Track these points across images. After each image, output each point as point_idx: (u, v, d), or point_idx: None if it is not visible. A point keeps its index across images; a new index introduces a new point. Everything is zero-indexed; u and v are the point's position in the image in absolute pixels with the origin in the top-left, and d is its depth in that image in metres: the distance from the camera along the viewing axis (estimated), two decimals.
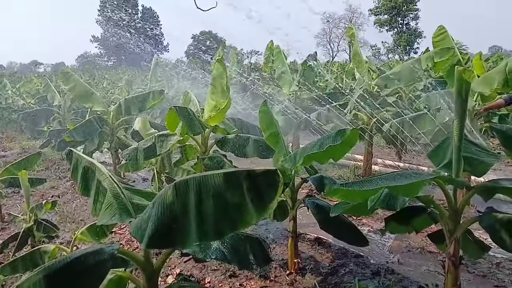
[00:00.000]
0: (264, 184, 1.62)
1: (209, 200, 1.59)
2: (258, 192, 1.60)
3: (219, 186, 1.60)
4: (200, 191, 1.61)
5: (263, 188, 1.61)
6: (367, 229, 5.04)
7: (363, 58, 6.62)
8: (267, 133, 3.91)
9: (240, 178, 1.61)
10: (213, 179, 1.62)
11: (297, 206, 3.93)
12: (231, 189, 1.60)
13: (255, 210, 1.57)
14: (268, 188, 1.61)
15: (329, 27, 65.21)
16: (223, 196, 1.59)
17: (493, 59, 22.61)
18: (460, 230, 2.72)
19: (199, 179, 1.65)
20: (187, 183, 1.67)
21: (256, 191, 1.60)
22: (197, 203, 1.60)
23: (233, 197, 1.58)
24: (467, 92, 2.43)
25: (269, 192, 1.60)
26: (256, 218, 1.58)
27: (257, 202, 1.58)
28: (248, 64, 20.69)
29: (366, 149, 6.93)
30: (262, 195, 1.60)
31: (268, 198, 1.59)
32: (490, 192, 2.80)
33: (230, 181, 1.61)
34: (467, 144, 3.00)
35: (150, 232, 1.62)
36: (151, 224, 1.65)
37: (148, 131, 6.24)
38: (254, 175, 1.63)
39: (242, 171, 1.64)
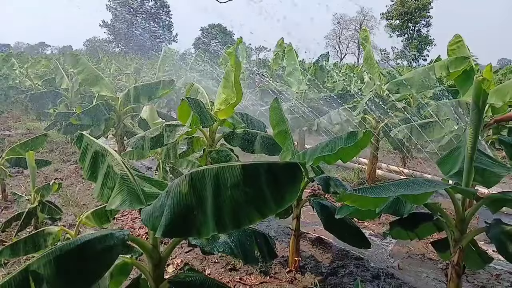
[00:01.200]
0: (285, 178, 1.61)
1: (227, 191, 1.58)
2: (279, 185, 1.59)
3: (238, 178, 1.59)
4: (218, 182, 1.61)
5: (284, 181, 1.60)
6: (368, 233, 5.04)
7: (375, 62, 6.59)
8: (276, 130, 3.91)
9: (260, 171, 1.60)
10: (231, 171, 1.61)
11: (302, 205, 3.94)
12: (250, 182, 1.59)
13: (274, 203, 1.57)
14: (290, 182, 1.61)
15: (340, 28, 65.05)
16: (241, 187, 1.58)
17: (502, 71, 22.53)
18: (466, 239, 2.72)
19: (216, 170, 1.64)
20: (203, 173, 1.66)
21: (277, 184, 1.59)
22: (215, 194, 1.59)
23: (252, 189, 1.58)
24: (484, 102, 2.42)
25: (290, 186, 1.59)
26: (275, 211, 1.58)
27: (276, 196, 1.58)
28: (256, 59, 20.64)
29: (372, 153, 6.92)
30: (282, 188, 1.59)
31: (289, 192, 1.58)
32: (498, 204, 2.80)
33: (248, 173, 1.60)
34: (479, 154, 2.99)
35: (165, 220, 1.61)
36: (167, 213, 1.65)
37: (155, 121, 6.24)
38: (275, 168, 1.62)
39: (262, 164, 1.63)
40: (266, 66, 15.82)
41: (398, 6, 51.75)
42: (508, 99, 4.78)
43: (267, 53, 51.97)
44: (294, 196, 1.60)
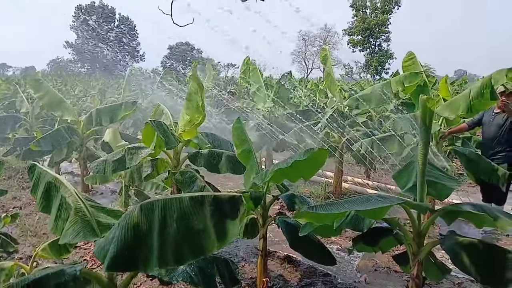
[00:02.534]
0: (228, 211, 1.62)
1: (173, 224, 1.58)
2: (222, 218, 1.60)
3: (184, 210, 1.59)
4: (165, 214, 1.60)
5: (227, 214, 1.61)
6: (336, 247, 5.10)
7: (335, 79, 6.78)
8: (239, 150, 3.93)
9: (205, 203, 1.60)
10: (179, 203, 1.61)
11: (268, 224, 3.94)
12: (196, 214, 1.59)
13: (217, 237, 1.57)
14: (232, 215, 1.62)
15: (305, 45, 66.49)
16: (186, 220, 1.58)
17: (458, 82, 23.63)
18: (424, 252, 2.80)
19: (165, 202, 1.64)
20: (153, 205, 1.65)
21: (220, 217, 1.60)
22: (161, 227, 1.58)
23: (196, 222, 1.58)
24: (431, 119, 2.53)
25: (232, 220, 1.60)
26: (218, 246, 1.57)
27: (220, 229, 1.58)
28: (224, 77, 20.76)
29: (337, 167, 7.05)
30: (225, 222, 1.60)
31: (231, 226, 1.59)
32: (452, 216, 2.91)
33: (195, 206, 1.60)
34: (431, 168, 3.11)
35: (112, 253, 1.58)
36: (114, 245, 1.62)
37: (118, 143, 6.13)
38: (219, 201, 1.62)
39: (208, 196, 1.64)
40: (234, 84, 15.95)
41: (359, 23, 53.79)
42: (460, 112, 5.00)
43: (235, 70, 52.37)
44: (236, 231, 1.61)
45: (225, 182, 7.85)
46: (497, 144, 5.49)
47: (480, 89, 4.78)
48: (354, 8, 54.94)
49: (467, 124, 5.79)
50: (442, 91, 6.18)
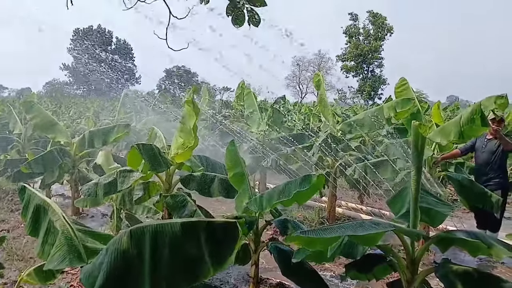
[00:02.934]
0: (222, 237, 1.59)
1: (165, 250, 1.54)
2: (216, 245, 1.57)
3: (176, 236, 1.56)
4: (156, 240, 1.56)
5: (221, 241, 1.58)
6: (329, 274, 5.01)
7: (328, 104, 6.85)
8: (231, 173, 3.91)
9: (198, 229, 1.57)
10: (170, 228, 1.57)
11: (260, 250, 3.87)
12: (189, 240, 1.56)
13: (211, 264, 1.53)
14: (227, 241, 1.58)
15: (299, 70, 67.50)
16: (179, 247, 1.54)
17: (451, 108, 23.95)
18: (418, 280, 2.75)
19: (156, 227, 1.60)
20: (143, 230, 1.61)
21: (214, 244, 1.57)
22: (152, 253, 1.54)
23: (190, 249, 1.54)
24: (423, 146, 2.53)
25: (227, 246, 1.57)
26: (213, 273, 1.54)
27: (214, 256, 1.55)
28: (219, 100, 20.88)
29: (331, 192, 7.02)
30: (220, 248, 1.57)
31: (226, 253, 1.56)
32: (446, 243, 2.87)
33: (187, 232, 1.57)
34: (424, 194, 3.10)
35: (101, 280, 1.53)
36: (103, 272, 1.57)
37: (111, 165, 6.08)
38: (213, 227, 1.59)
39: (200, 222, 1.61)
40: (229, 107, 16.03)
41: (352, 49, 54.87)
42: (451, 138, 5.05)
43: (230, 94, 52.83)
44: (233, 258, 1.58)
45: (218, 206, 7.77)
46: (490, 170, 5.52)
47: (471, 115, 4.84)
48: (347, 34, 56.12)
49: (460, 150, 5.83)
50: (435, 117, 6.26)
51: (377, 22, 53.71)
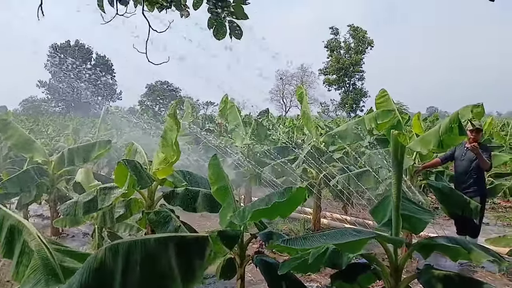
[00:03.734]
0: (193, 252, 1.56)
1: (136, 268, 1.50)
2: (188, 260, 1.54)
3: (148, 253, 1.52)
4: (129, 258, 1.52)
5: (193, 256, 1.55)
6: (316, 285, 4.99)
7: (311, 116, 6.92)
8: (215, 187, 3.87)
9: (169, 245, 1.54)
10: (143, 245, 1.54)
11: (246, 264, 3.83)
12: (160, 257, 1.52)
13: (182, 280, 1.50)
14: (198, 256, 1.56)
15: (282, 83, 68.17)
16: (151, 264, 1.51)
17: (430, 119, 24.46)
18: (401, 287, 2.76)
19: (130, 244, 1.57)
20: (117, 248, 1.58)
21: (186, 259, 1.54)
22: (124, 271, 1.50)
23: (161, 265, 1.51)
24: (403, 154, 2.57)
25: (198, 261, 1.54)
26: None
27: (185, 272, 1.52)
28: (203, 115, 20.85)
29: (315, 203, 7.04)
30: (191, 264, 1.54)
31: (197, 268, 1.53)
32: (427, 249, 2.90)
33: (159, 248, 1.54)
34: (405, 202, 3.13)
35: None
36: None
37: (91, 183, 5.97)
38: (185, 242, 1.57)
39: (172, 238, 1.58)
40: (213, 121, 16.02)
41: (334, 62, 55.80)
42: (431, 147, 5.15)
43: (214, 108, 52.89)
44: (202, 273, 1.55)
45: (203, 222, 7.68)
46: (469, 178, 5.62)
47: (449, 124, 4.94)
48: (328, 48, 57.05)
49: (440, 159, 5.94)
50: (415, 128, 6.39)
51: (358, 36, 54.84)
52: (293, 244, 2.16)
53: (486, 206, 9.57)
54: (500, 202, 9.95)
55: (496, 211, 9.38)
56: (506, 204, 9.74)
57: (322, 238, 2.23)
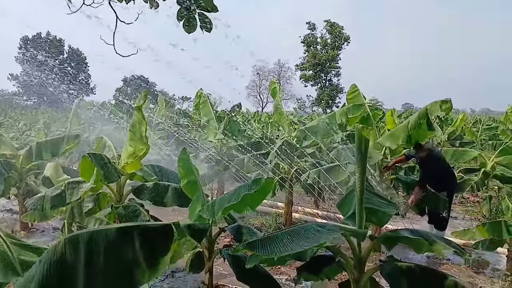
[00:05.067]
0: (157, 241, 1.56)
1: (100, 258, 1.49)
2: (151, 248, 1.53)
3: (111, 242, 1.51)
4: (91, 247, 1.51)
5: (156, 244, 1.55)
6: (285, 278, 5.04)
7: (284, 112, 6.95)
8: (184, 181, 3.86)
9: (133, 234, 1.54)
10: (106, 235, 1.53)
11: (214, 257, 3.84)
12: (124, 246, 1.51)
13: (146, 268, 1.49)
14: (162, 244, 1.56)
15: (259, 79, 68.12)
16: (114, 253, 1.49)
17: (405, 115, 25.01)
18: (364, 279, 2.83)
19: (91, 234, 1.55)
20: (78, 238, 1.56)
21: (149, 247, 1.53)
22: (87, 261, 1.49)
23: (125, 254, 1.50)
24: (366, 148, 2.62)
25: (161, 249, 1.54)
26: (149, 277, 1.50)
27: (149, 260, 1.51)
28: (177, 110, 20.65)
29: (287, 198, 7.10)
30: (154, 252, 1.53)
31: (160, 255, 1.52)
32: (392, 242, 2.98)
33: (123, 237, 1.53)
34: (371, 196, 3.20)
35: None
36: (34, 284, 1.50)
37: (60, 178, 5.85)
38: (149, 231, 1.56)
39: (136, 226, 1.57)
40: (188, 116, 15.89)
41: (310, 58, 56.09)
42: (400, 142, 5.26)
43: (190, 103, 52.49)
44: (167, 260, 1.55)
45: (175, 217, 7.63)
46: None
47: (417, 120, 5.05)
48: (305, 44, 57.27)
49: (405, 155, 6.08)
50: (388, 124, 6.52)
51: (334, 32, 55.25)
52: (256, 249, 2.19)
53: (455, 200, 9.91)
54: (469, 196, 10.29)
55: (465, 206, 9.70)
56: (474, 199, 10.08)
57: (286, 238, 2.26)
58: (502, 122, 19.10)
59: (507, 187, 8.84)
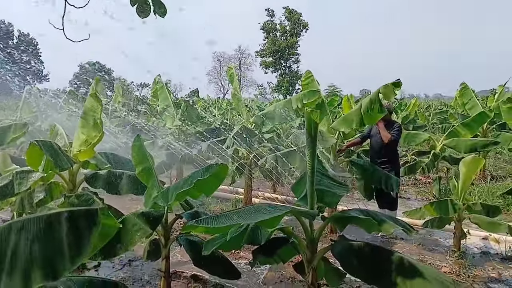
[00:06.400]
0: (83, 226, 1.53)
1: (27, 245, 1.45)
2: (77, 235, 1.51)
3: (39, 231, 1.47)
4: (21, 235, 1.47)
5: (82, 230, 1.52)
6: (244, 262, 5.12)
7: (241, 97, 6.95)
8: (139, 168, 3.80)
9: (60, 220, 1.50)
10: (36, 222, 1.49)
11: (170, 244, 3.83)
12: (50, 233, 1.48)
13: (70, 256, 1.47)
14: (87, 230, 1.53)
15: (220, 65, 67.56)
16: (41, 241, 1.46)
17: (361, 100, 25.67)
18: (317, 259, 2.92)
19: (23, 223, 1.50)
20: (11, 227, 1.50)
21: (75, 234, 1.50)
22: (14, 250, 1.44)
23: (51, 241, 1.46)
24: (316, 131, 2.69)
25: (86, 235, 1.51)
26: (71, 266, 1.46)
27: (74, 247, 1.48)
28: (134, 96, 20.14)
29: (246, 183, 7.16)
30: (80, 238, 1.51)
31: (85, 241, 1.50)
32: (342, 222, 3.08)
33: (51, 224, 1.49)
34: (321, 177, 3.29)
35: None
36: None
37: (8, 167, 5.58)
38: (74, 217, 1.53)
39: (63, 212, 1.54)
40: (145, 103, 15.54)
41: (270, 45, 56.13)
42: (354, 126, 5.38)
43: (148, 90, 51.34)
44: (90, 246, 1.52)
45: (134, 205, 7.51)
46: (383, 154, 5.98)
47: (370, 103, 5.18)
48: (264, 30, 57.19)
49: (359, 137, 6.27)
50: (345, 109, 6.67)
51: (293, 18, 55.46)
52: (206, 223, 2.20)
53: (408, 182, 10.37)
54: (421, 178, 10.79)
55: (417, 187, 10.18)
56: (426, 180, 10.59)
57: (236, 215, 2.29)
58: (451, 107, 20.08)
59: (454, 168, 9.35)
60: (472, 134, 8.00)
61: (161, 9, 4.38)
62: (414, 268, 2.57)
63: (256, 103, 17.17)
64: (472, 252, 5.65)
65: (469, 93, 10.21)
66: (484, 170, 10.82)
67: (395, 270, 2.58)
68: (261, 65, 58.24)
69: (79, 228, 1.50)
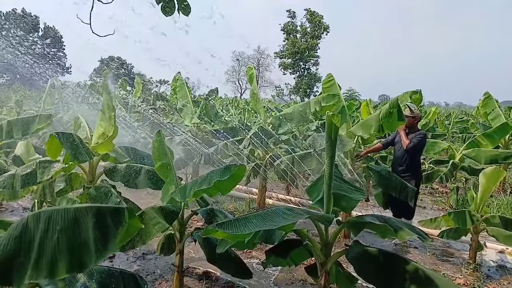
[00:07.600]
0: (110, 223, 1.58)
1: (54, 235, 1.50)
2: (103, 231, 1.55)
3: (67, 222, 1.52)
4: (48, 225, 1.52)
5: (108, 227, 1.57)
6: (255, 262, 5.14)
7: (260, 98, 6.97)
8: (158, 164, 3.87)
9: (88, 215, 1.55)
10: (64, 214, 1.54)
11: (185, 239, 3.88)
12: (78, 226, 1.53)
13: (96, 250, 1.51)
14: (113, 226, 1.58)
15: (239, 65, 67.77)
16: (68, 232, 1.51)
17: (381, 106, 25.41)
18: (330, 262, 2.92)
19: (51, 213, 1.56)
20: (39, 216, 1.56)
21: (102, 229, 1.55)
22: (42, 238, 1.50)
23: (78, 234, 1.51)
24: (336, 135, 2.69)
25: (113, 231, 1.56)
26: (97, 260, 1.51)
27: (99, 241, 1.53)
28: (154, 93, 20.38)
29: (261, 183, 7.18)
30: (106, 234, 1.55)
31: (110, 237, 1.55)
32: (357, 227, 3.07)
33: (78, 217, 1.54)
34: (340, 182, 3.29)
35: None
36: None
37: (31, 157, 5.73)
38: (102, 213, 1.58)
39: (92, 207, 1.59)
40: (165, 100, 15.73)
41: (290, 46, 55.91)
42: (372, 131, 5.37)
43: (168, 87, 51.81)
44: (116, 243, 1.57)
45: (149, 200, 7.62)
46: (405, 162, 5.91)
47: (388, 109, 5.16)
48: (285, 31, 57.03)
49: (382, 143, 6.21)
50: (363, 114, 6.64)
51: (314, 21, 55.14)
52: (225, 228, 2.23)
53: (425, 191, 10.22)
54: (438, 187, 10.64)
55: (433, 196, 10.03)
56: (443, 190, 10.43)
57: (255, 219, 2.32)
58: (473, 116, 19.71)
59: (473, 178, 9.18)
60: (493, 145, 7.84)
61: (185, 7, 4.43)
62: (429, 278, 2.55)
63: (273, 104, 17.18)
64: (488, 265, 5.54)
65: (492, 103, 10.01)
66: (504, 182, 10.59)
67: (410, 279, 2.57)
68: (280, 66, 58.14)
69: (106, 225, 1.55)
